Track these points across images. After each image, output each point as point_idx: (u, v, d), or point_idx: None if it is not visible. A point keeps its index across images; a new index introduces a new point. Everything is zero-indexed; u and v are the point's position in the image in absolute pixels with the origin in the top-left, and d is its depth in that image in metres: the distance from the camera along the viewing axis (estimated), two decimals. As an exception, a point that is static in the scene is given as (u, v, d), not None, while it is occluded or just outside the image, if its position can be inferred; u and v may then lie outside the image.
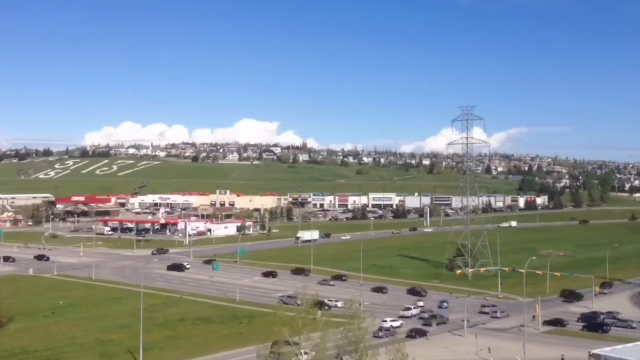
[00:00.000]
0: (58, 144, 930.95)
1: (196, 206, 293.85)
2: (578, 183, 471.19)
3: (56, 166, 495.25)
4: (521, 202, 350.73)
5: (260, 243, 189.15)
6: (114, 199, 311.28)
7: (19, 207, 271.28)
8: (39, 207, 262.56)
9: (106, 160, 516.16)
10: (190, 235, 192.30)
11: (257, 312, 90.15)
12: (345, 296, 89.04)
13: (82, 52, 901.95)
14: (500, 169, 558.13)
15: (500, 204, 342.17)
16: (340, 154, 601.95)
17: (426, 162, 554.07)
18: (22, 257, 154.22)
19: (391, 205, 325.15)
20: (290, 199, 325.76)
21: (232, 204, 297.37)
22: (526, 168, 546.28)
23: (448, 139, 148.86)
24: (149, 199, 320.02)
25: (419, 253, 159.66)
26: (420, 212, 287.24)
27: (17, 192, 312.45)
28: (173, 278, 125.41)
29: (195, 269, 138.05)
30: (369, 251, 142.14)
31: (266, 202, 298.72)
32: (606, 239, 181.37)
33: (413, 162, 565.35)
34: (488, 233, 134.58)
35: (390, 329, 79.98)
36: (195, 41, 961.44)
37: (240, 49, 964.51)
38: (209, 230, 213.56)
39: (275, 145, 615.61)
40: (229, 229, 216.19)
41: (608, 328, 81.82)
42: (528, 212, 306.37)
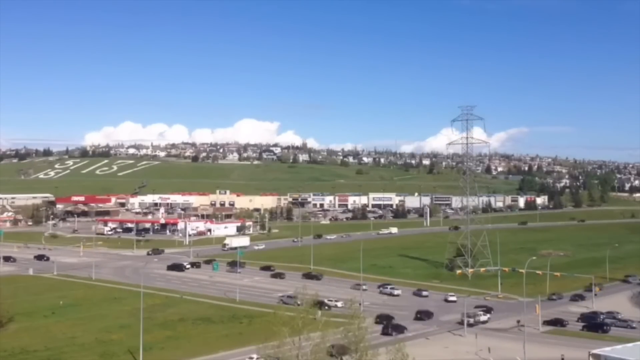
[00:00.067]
0: (58, 144, 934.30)
1: (196, 206, 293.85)
2: (578, 183, 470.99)
3: (56, 166, 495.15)
4: (521, 202, 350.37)
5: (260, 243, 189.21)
6: (114, 199, 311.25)
7: (19, 207, 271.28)
8: (39, 207, 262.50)
9: (106, 160, 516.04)
10: (190, 235, 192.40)
11: (257, 312, 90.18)
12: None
13: (82, 52, 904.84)
14: (500, 169, 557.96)
15: (500, 204, 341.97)
16: (340, 154, 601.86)
17: (426, 162, 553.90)
18: (22, 257, 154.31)
19: (391, 205, 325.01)
20: (290, 199, 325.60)
21: (232, 204, 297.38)
22: (526, 168, 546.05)
23: (448, 139, 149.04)
24: (149, 199, 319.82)
25: (419, 253, 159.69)
26: (420, 212, 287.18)
27: (17, 192, 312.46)
28: (173, 278, 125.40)
29: (196, 269, 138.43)
30: (369, 251, 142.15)
31: (266, 202, 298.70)
32: (606, 239, 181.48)
33: (413, 162, 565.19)
34: (488, 233, 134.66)
35: None
36: (195, 41, 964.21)
37: (240, 49, 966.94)
38: (209, 230, 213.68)
39: (275, 145, 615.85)
40: (229, 229, 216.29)
41: (608, 328, 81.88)
42: (528, 212, 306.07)
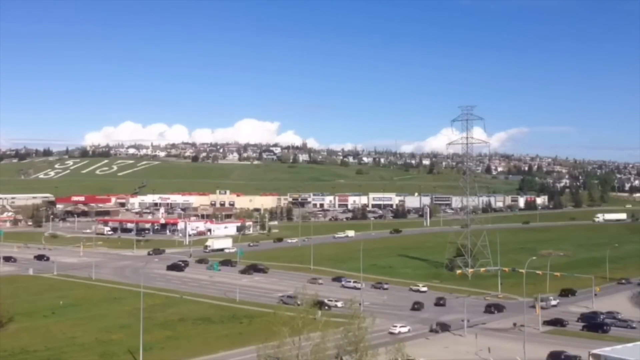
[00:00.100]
0: (58, 144, 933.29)
1: (196, 206, 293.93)
2: (578, 183, 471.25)
3: (56, 166, 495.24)
4: (521, 202, 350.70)
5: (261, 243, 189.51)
6: (114, 199, 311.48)
7: (19, 207, 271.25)
8: (39, 207, 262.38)
9: (106, 160, 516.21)
10: (190, 235, 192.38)
11: (257, 312, 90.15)
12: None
13: (82, 52, 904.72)
14: (500, 169, 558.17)
15: (500, 204, 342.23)
16: (340, 154, 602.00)
17: (426, 162, 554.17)
18: (22, 257, 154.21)
19: (391, 205, 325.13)
20: (290, 199, 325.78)
21: (232, 204, 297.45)
22: (526, 168, 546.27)
23: (448, 139, 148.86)
24: (149, 199, 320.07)
25: (419, 253, 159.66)
26: (420, 212, 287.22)
27: (17, 192, 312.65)
28: (173, 278, 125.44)
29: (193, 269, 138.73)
30: (369, 251, 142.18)
31: (266, 202, 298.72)
32: (606, 239, 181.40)
33: (413, 162, 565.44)
34: (488, 233, 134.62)
35: None
36: (195, 41, 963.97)
37: (240, 49, 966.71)
38: (209, 230, 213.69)
39: (275, 145, 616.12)
40: (229, 229, 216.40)
41: (608, 328, 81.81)
42: (528, 212, 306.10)
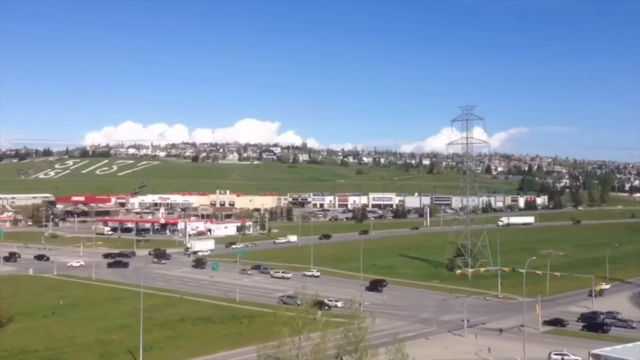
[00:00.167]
0: (58, 144, 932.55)
1: (196, 206, 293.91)
2: (578, 183, 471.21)
3: (56, 166, 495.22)
4: (521, 202, 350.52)
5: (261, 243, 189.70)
6: (114, 199, 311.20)
7: (19, 207, 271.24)
8: (39, 207, 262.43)
9: (106, 160, 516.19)
10: (190, 235, 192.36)
11: (257, 312, 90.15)
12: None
13: (82, 51, 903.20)
14: (500, 169, 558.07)
15: (500, 204, 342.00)
16: (340, 154, 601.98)
17: (426, 162, 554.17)
18: (22, 257, 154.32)
19: (391, 205, 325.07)
20: (290, 199, 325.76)
21: (232, 204, 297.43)
22: (526, 168, 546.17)
23: (448, 139, 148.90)
24: (149, 199, 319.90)
25: (419, 253, 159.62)
26: (420, 212, 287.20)
27: (17, 192, 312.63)
28: (173, 278, 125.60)
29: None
30: (369, 251, 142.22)
31: (266, 202, 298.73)
32: (606, 239, 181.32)
33: (413, 162, 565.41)
34: (488, 233, 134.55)
35: None
36: (196, 41, 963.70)
37: (241, 49, 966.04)
38: (209, 230, 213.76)
39: (275, 145, 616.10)
40: (229, 229, 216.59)
41: (608, 328, 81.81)
42: (528, 212, 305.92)
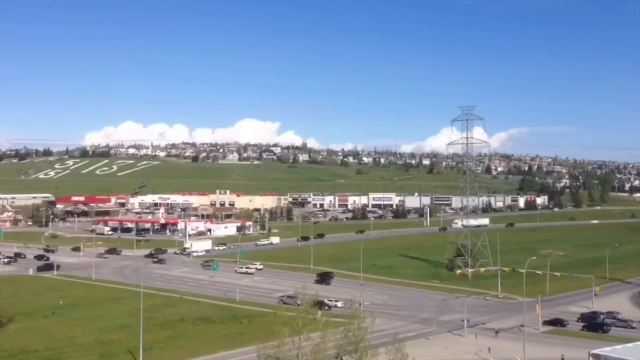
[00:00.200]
0: (58, 144, 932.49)
1: (196, 206, 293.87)
2: (578, 183, 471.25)
3: (56, 166, 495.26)
4: (521, 202, 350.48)
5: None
6: (114, 199, 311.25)
7: (19, 207, 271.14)
8: (39, 207, 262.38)
9: (106, 160, 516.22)
10: (190, 235, 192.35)
11: (257, 312, 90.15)
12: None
13: (82, 51, 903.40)
14: (500, 169, 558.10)
15: (500, 204, 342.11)
16: (340, 154, 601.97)
17: (426, 162, 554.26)
18: (26, 258, 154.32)
19: (391, 205, 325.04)
20: (290, 199, 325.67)
21: (232, 204, 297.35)
22: (526, 168, 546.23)
23: (448, 139, 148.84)
24: (149, 199, 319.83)
25: (419, 253, 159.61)
26: (420, 212, 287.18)
27: (17, 192, 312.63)
28: (173, 278, 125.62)
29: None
30: (369, 251, 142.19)
31: (266, 202, 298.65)
32: (606, 239, 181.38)
33: (413, 162, 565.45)
34: (488, 233, 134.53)
35: None
36: (196, 41, 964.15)
37: (241, 49, 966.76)
38: (209, 230, 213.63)
39: (275, 145, 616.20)
40: (229, 229, 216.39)
41: (608, 328, 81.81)
42: (528, 212, 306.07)
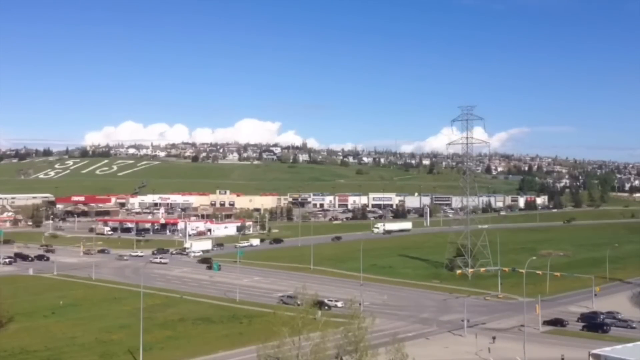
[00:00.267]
0: (58, 144, 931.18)
1: (196, 206, 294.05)
2: (578, 183, 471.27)
3: (56, 166, 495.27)
4: (521, 202, 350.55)
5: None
6: (114, 199, 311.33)
7: (19, 207, 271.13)
8: (39, 207, 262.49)
9: (106, 160, 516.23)
10: (190, 235, 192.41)
11: (257, 312, 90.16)
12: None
13: (82, 51, 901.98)
14: (500, 169, 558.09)
15: (500, 204, 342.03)
16: (340, 154, 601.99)
17: (426, 162, 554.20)
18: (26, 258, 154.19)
19: (391, 205, 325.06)
20: (290, 199, 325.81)
21: (232, 204, 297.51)
22: (526, 168, 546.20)
23: (448, 139, 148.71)
24: (149, 199, 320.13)
25: (419, 253, 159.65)
26: (420, 212, 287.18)
27: (17, 192, 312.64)
28: (173, 278, 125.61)
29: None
30: (369, 251, 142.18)
31: (266, 202, 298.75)
32: (606, 239, 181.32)
33: (413, 162, 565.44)
34: (488, 233, 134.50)
35: None
36: (196, 41, 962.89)
37: (241, 49, 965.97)
38: (209, 230, 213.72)
39: (275, 145, 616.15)
40: (229, 229, 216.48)
41: (608, 328, 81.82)
42: (528, 212, 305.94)
